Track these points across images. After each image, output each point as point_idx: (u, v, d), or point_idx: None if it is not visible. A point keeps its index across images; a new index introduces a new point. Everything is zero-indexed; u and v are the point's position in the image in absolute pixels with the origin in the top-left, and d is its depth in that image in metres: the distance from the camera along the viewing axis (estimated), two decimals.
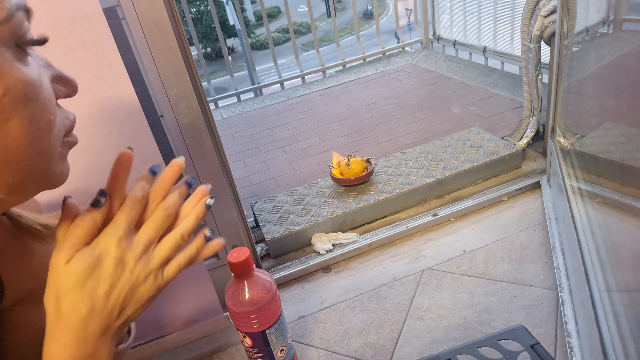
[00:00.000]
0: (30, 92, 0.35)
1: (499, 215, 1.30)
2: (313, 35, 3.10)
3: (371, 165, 1.48)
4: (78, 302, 0.39)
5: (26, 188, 0.38)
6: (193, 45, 1.87)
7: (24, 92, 0.34)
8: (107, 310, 0.40)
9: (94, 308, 0.40)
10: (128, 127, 0.85)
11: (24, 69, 0.35)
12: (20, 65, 0.35)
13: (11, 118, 0.34)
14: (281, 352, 0.87)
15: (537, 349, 0.65)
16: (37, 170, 0.37)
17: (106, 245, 0.41)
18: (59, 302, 0.39)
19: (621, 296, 0.84)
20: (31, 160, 0.36)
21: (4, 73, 0.33)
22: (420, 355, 0.94)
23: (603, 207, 1.14)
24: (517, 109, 1.99)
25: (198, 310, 1.05)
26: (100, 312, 0.40)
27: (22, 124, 0.34)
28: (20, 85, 0.34)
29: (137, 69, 0.90)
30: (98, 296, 0.40)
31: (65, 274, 0.39)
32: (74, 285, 0.39)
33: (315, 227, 1.32)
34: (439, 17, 2.93)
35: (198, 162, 0.99)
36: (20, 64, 0.35)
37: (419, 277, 1.14)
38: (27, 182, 0.37)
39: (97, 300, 0.40)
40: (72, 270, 0.39)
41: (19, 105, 0.34)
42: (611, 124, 1.31)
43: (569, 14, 1.23)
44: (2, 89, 0.33)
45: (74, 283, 0.39)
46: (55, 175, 0.40)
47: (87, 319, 0.39)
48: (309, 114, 2.46)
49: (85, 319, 0.39)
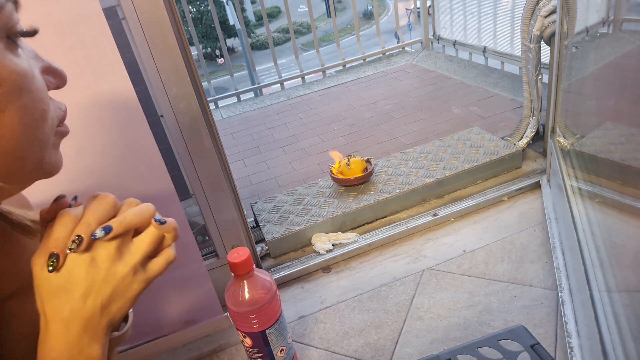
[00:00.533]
0: (23, 83, 0.35)
1: (499, 215, 1.30)
2: (313, 35, 3.10)
3: (371, 165, 1.48)
4: (58, 306, 0.39)
5: (22, 178, 0.39)
6: (193, 45, 1.87)
7: (17, 83, 0.34)
8: (86, 312, 0.40)
9: (73, 311, 0.40)
10: (128, 127, 0.85)
11: (16, 60, 0.35)
12: (12, 56, 0.35)
13: (5, 109, 0.34)
14: (281, 352, 0.87)
15: (537, 349, 0.65)
16: (32, 160, 0.38)
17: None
18: (43, 306, 0.40)
19: (621, 296, 0.84)
20: (26, 150, 0.36)
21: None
22: (420, 355, 0.94)
23: (603, 207, 1.14)
24: (517, 109, 1.99)
25: (198, 310, 1.05)
26: (79, 315, 0.40)
27: (16, 115, 0.34)
28: (14, 76, 0.34)
29: (137, 68, 0.90)
30: (75, 300, 0.40)
31: (41, 279, 0.39)
32: (51, 290, 0.39)
33: (315, 227, 1.32)
34: (439, 17, 2.93)
35: (198, 162, 0.99)
36: (11, 55, 0.35)
37: (419, 277, 1.14)
38: (23, 172, 0.38)
39: (74, 304, 0.40)
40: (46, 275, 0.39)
41: (12, 96, 0.34)
42: (611, 124, 1.31)
43: (569, 14, 1.23)
44: None
45: (50, 288, 0.39)
46: (50, 164, 0.40)
47: (68, 322, 0.40)
48: (309, 114, 2.46)
49: (67, 321, 0.40)
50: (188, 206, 1.19)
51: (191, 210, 1.19)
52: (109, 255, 0.41)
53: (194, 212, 1.16)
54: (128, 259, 0.42)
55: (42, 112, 0.37)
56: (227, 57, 2.98)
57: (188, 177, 1.01)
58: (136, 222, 0.42)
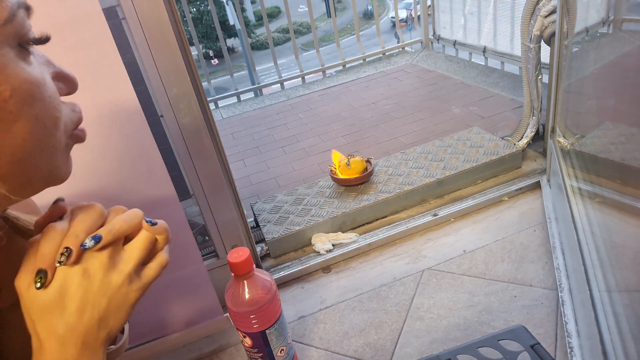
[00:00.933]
0: (35, 91, 0.34)
1: (499, 215, 1.30)
2: (313, 35, 3.10)
3: (371, 165, 1.48)
4: (52, 324, 0.38)
5: (33, 186, 0.38)
6: (193, 45, 1.87)
7: (30, 92, 0.34)
8: (83, 326, 0.38)
9: (69, 326, 0.38)
10: (128, 127, 0.85)
11: (28, 68, 0.35)
12: (24, 64, 0.34)
13: (18, 119, 0.33)
14: (281, 352, 0.87)
15: (537, 349, 0.65)
16: (43, 168, 0.37)
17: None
18: (35, 326, 0.38)
19: (621, 296, 0.84)
20: (38, 158, 0.36)
21: (9, 74, 0.33)
22: (420, 355, 0.94)
23: (603, 207, 1.14)
24: (517, 109, 1.99)
25: (198, 310, 1.05)
26: (76, 330, 0.38)
27: (29, 124, 0.34)
28: (26, 85, 0.34)
29: (137, 68, 0.90)
30: (70, 314, 0.38)
31: (29, 298, 0.38)
32: (42, 309, 0.38)
33: (315, 227, 1.32)
34: (439, 17, 2.93)
35: (198, 162, 0.99)
36: (24, 63, 0.34)
37: (419, 277, 1.14)
38: (34, 180, 0.37)
39: (70, 319, 0.38)
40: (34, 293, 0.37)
41: (25, 105, 0.33)
42: (611, 124, 1.31)
43: (569, 14, 1.23)
44: (9, 90, 0.32)
45: (41, 306, 0.38)
46: (61, 172, 0.40)
47: (65, 339, 0.38)
48: (309, 114, 2.46)
49: (63, 339, 0.38)
50: (188, 206, 1.19)
51: (191, 210, 1.20)
52: (101, 265, 0.39)
53: (194, 212, 1.16)
54: (122, 267, 0.40)
55: (55, 120, 0.37)
56: (227, 57, 2.98)
57: (188, 177, 1.01)
58: (125, 228, 0.41)
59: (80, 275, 0.38)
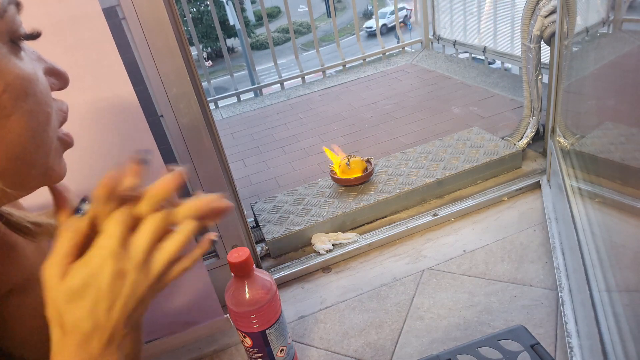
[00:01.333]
0: (28, 87, 0.35)
1: (499, 215, 1.30)
2: (313, 35, 3.10)
3: (371, 165, 1.48)
4: (80, 319, 0.38)
5: (28, 183, 0.38)
6: (193, 45, 1.87)
7: (23, 87, 0.34)
8: (111, 324, 0.39)
9: (98, 324, 0.38)
10: (128, 127, 0.85)
11: (20, 64, 0.35)
12: (16, 60, 0.35)
13: (12, 114, 0.34)
14: (281, 352, 0.87)
15: (537, 349, 0.65)
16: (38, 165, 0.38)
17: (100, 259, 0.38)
18: (61, 318, 0.38)
19: (621, 296, 0.84)
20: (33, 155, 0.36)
21: (2, 69, 0.33)
22: (420, 355, 0.94)
23: (603, 207, 1.14)
24: (517, 109, 1.99)
25: (198, 310, 1.05)
26: (104, 327, 0.38)
27: (22, 119, 0.34)
28: (19, 80, 0.34)
29: (136, 68, 0.90)
30: (100, 313, 0.38)
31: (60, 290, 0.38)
32: (72, 302, 0.38)
33: (315, 227, 1.32)
34: (439, 17, 2.93)
35: (198, 162, 0.99)
36: (16, 59, 0.35)
37: (419, 277, 1.14)
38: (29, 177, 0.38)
39: (100, 317, 0.38)
40: (67, 286, 0.37)
41: (18, 100, 0.34)
42: (611, 124, 1.31)
43: (569, 14, 1.23)
44: (2, 85, 0.33)
45: (72, 300, 0.38)
46: (55, 170, 0.40)
47: (90, 335, 0.38)
48: (309, 114, 2.46)
49: (89, 335, 0.38)
50: None
51: None
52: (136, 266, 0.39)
53: None
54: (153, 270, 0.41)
55: (47, 115, 0.37)
56: (227, 57, 2.98)
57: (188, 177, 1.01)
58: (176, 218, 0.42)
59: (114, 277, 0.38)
